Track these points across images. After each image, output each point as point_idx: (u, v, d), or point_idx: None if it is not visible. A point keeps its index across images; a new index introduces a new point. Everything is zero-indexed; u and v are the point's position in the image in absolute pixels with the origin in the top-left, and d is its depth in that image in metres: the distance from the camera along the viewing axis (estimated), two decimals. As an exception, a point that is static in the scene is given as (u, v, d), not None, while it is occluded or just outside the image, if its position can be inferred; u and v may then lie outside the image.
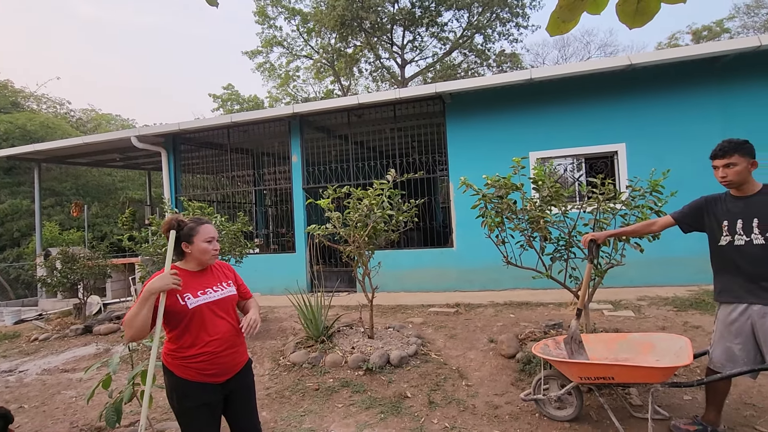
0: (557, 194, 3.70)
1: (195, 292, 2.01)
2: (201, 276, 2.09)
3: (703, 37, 21.63)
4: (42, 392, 4.33)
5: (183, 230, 2.05)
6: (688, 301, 5.39)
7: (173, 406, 2.03)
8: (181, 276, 2.02)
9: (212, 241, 2.07)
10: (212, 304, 2.04)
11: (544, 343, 3.08)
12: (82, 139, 9.35)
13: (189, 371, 1.97)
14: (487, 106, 7.36)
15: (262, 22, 22.32)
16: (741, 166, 2.39)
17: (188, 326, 1.97)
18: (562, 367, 2.79)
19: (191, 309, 1.97)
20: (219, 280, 2.13)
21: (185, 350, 1.97)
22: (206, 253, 2.06)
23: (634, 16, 1.20)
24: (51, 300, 9.49)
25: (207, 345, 1.98)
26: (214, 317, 2.03)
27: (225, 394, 2.08)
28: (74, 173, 17.98)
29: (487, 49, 21.45)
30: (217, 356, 2.01)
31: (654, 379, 2.52)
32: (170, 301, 1.95)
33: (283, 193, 11.05)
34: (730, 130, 6.37)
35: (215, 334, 2.01)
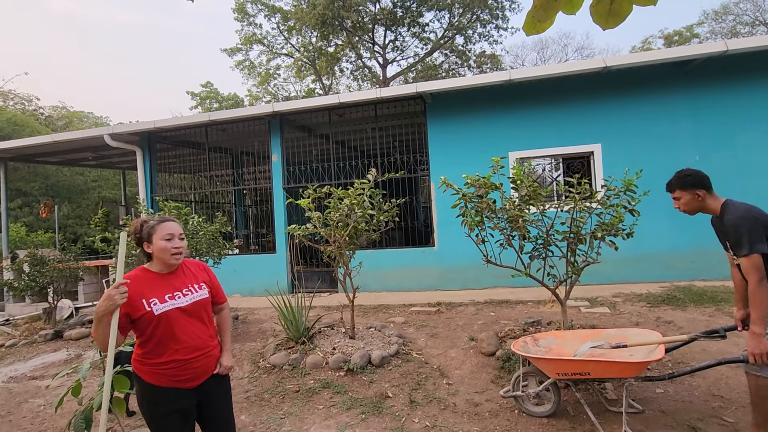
0: (535, 194, 3.76)
1: (162, 296, 1.91)
2: (169, 278, 1.99)
3: (674, 42, 22.41)
4: (8, 401, 4.15)
5: (143, 231, 1.96)
6: (660, 297, 5.57)
7: (144, 413, 1.95)
8: (147, 279, 1.93)
9: (172, 238, 1.95)
10: (181, 309, 1.93)
11: (523, 341, 3.14)
12: (52, 137, 8.99)
13: (159, 377, 1.90)
14: (468, 107, 7.43)
15: (242, 20, 21.97)
16: (685, 198, 2.49)
17: (155, 332, 1.88)
18: (540, 364, 2.86)
19: (157, 315, 1.86)
20: (190, 281, 2.03)
21: (154, 357, 1.89)
22: (165, 252, 1.93)
23: (607, 17, 1.22)
24: (19, 304, 9.10)
25: (177, 352, 1.89)
26: (184, 323, 1.93)
27: (198, 398, 2.00)
28: (43, 173, 17.29)
29: (467, 50, 21.67)
30: (189, 362, 1.92)
31: (628, 373, 2.60)
32: (133, 308, 1.85)
33: (263, 192, 10.90)
34: (699, 131, 6.62)
35: (185, 341, 1.92)
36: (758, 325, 2.17)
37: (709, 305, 5.12)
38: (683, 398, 3.13)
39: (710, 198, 2.44)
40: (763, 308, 2.16)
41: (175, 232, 1.97)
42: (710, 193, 2.44)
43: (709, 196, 2.44)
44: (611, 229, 3.73)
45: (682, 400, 3.10)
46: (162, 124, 8.44)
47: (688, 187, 2.45)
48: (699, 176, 2.44)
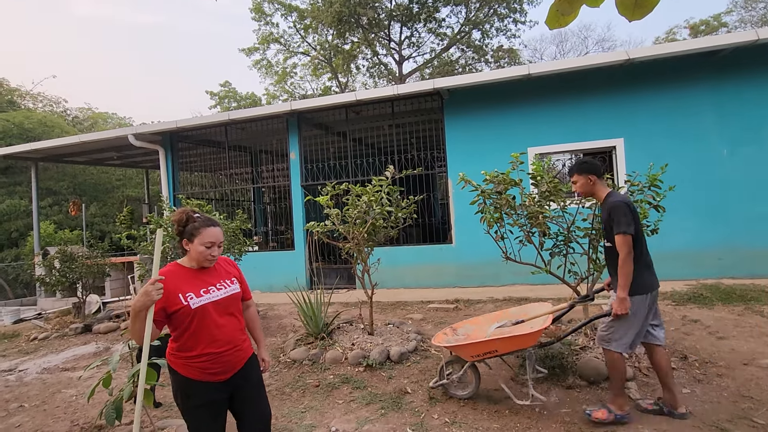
0: (556, 189, 3.70)
1: (198, 290, 1.96)
2: (203, 274, 2.03)
3: (701, 32, 21.62)
4: (42, 391, 4.33)
5: (188, 227, 1.99)
6: (686, 295, 5.42)
7: (178, 405, 2.01)
8: (182, 274, 1.98)
9: (212, 246, 1.99)
10: (215, 303, 1.98)
11: (444, 333, 3.48)
12: (79, 138, 9.30)
13: (193, 370, 1.95)
14: (485, 102, 7.35)
15: (259, 19, 22.20)
16: (581, 182, 2.89)
17: (191, 326, 1.92)
18: (456, 351, 3.20)
19: (194, 309, 1.91)
20: (222, 277, 2.08)
21: (188, 350, 1.94)
22: (202, 256, 1.99)
23: (633, 8, 1.19)
24: (50, 299, 9.47)
25: (210, 345, 1.94)
26: (218, 317, 1.98)
27: (230, 391, 2.04)
28: (71, 172, 17.91)
29: (484, 45, 21.38)
30: (221, 356, 1.97)
31: (526, 344, 2.98)
32: (170, 303, 1.89)
33: (282, 190, 11.03)
34: (727, 125, 6.39)
35: (219, 334, 1.97)
36: (623, 290, 2.67)
37: (738, 304, 4.95)
38: (711, 399, 3.05)
39: (600, 184, 2.86)
40: (627, 277, 2.66)
41: (216, 240, 2.01)
42: (600, 180, 2.86)
43: (599, 182, 2.86)
44: (635, 225, 3.64)
45: (710, 401, 3.02)
46: (183, 123, 8.63)
47: (584, 173, 2.86)
48: (593, 164, 2.87)
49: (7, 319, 8.24)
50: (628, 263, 2.65)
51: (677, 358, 3.65)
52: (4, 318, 8.34)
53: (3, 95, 19.89)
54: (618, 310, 2.70)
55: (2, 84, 20.41)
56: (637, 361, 3.54)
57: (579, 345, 3.74)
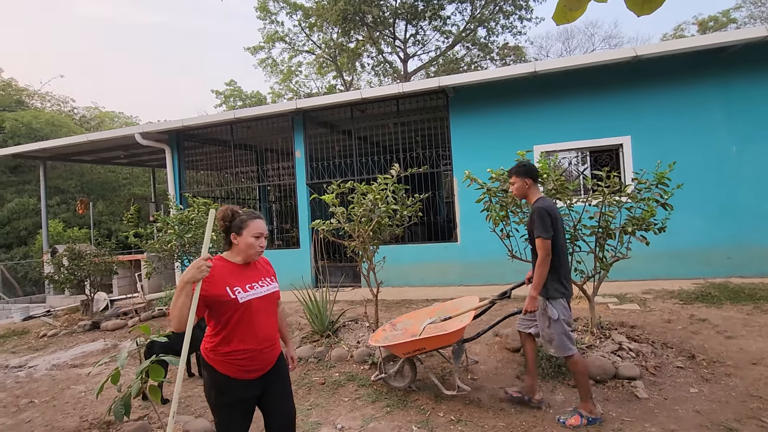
0: (562, 187, 3.68)
1: (244, 285, 1.97)
2: (247, 270, 2.05)
3: (709, 28, 21.35)
4: (52, 387, 4.39)
5: (234, 221, 2.01)
6: (694, 294, 5.37)
7: (210, 401, 2.01)
8: (228, 268, 1.98)
9: (260, 237, 2.02)
10: (260, 299, 2.00)
11: (383, 329, 3.65)
12: (87, 137, 9.38)
13: (230, 367, 1.94)
14: (491, 100, 7.32)
15: (264, 18, 22.24)
16: (518, 184, 3.03)
17: (236, 321, 1.92)
18: (391, 349, 3.38)
19: (242, 303, 1.92)
20: (263, 275, 2.10)
21: (229, 346, 1.93)
22: (252, 248, 2.00)
23: (642, 3, 1.18)
24: (59, 297, 9.58)
25: (251, 341, 1.94)
26: (261, 314, 1.99)
27: (262, 388, 2.05)
28: (79, 171, 18.08)
29: (490, 42, 21.27)
30: (260, 353, 1.98)
31: (452, 340, 3.21)
32: (219, 292, 1.89)
33: (287, 188, 11.06)
34: (735, 122, 6.32)
35: (260, 331, 1.97)
36: (535, 290, 2.85)
37: (747, 303, 4.90)
38: (719, 398, 3.02)
39: (534, 188, 3.00)
40: (541, 278, 2.82)
41: (263, 231, 2.04)
42: (535, 184, 3.01)
43: (534, 186, 3.00)
44: (642, 223, 3.62)
45: (718, 401, 2.99)
46: (189, 122, 8.67)
47: (521, 175, 3.00)
48: (530, 168, 3.00)
49: (16, 316, 8.35)
50: (544, 265, 2.80)
51: (685, 357, 3.62)
52: (14, 315, 8.46)
53: (12, 95, 20.09)
54: (528, 307, 2.90)
55: (11, 84, 20.62)
56: (644, 360, 3.52)
57: (585, 343, 3.72)
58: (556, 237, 2.82)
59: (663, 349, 3.75)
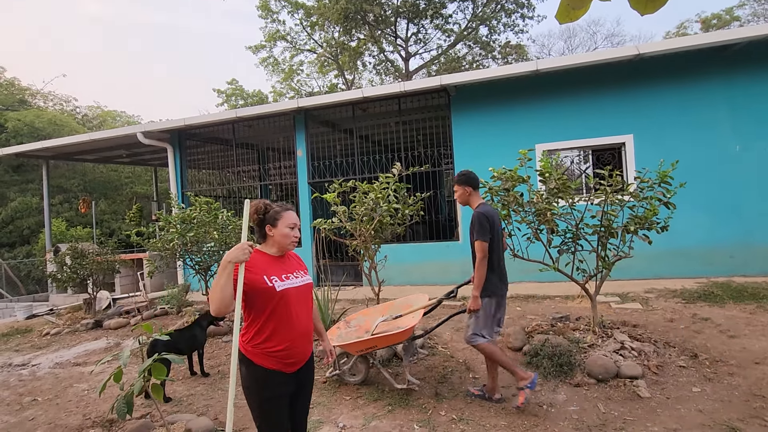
0: (564, 186, 3.67)
1: (280, 275, 1.97)
2: (281, 261, 2.06)
3: (712, 26, 21.25)
4: (55, 385, 4.40)
5: (268, 213, 2.03)
6: (696, 293, 5.35)
7: (252, 396, 1.96)
8: (264, 259, 2.00)
9: (294, 227, 2.04)
10: (296, 289, 2.00)
11: (337, 326, 3.79)
12: (89, 136, 9.40)
13: (269, 360, 1.92)
14: (493, 99, 7.30)
15: (266, 16, 22.23)
16: (459, 191, 3.24)
17: (274, 311, 1.92)
18: (344, 348, 3.50)
19: (279, 291, 1.92)
20: (297, 267, 2.11)
21: (267, 337, 1.92)
22: (287, 239, 2.02)
23: (646, 2, 1.17)
24: (61, 295, 9.61)
25: (290, 333, 1.94)
26: (297, 304, 1.99)
27: (296, 383, 2.03)
28: (81, 170, 18.13)
29: (492, 41, 21.20)
30: (298, 345, 1.97)
31: (401, 339, 3.34)
32: (256, 279, 1.89)
33: (289, 187, 11.07)
34: (739, 120, 6.29)
35: (298, 323, 1.97)
36: (476, 289, 3.06)
37: (750, 302, 4.88)
38: (722, 398, 3.01)
39: (474, 195, 3.21)
40: (480, 279, 3.03)
41: (297, 222, 2.07)
42: (475, 191, 3.22)
43: (474, 193, 3.21)
44: (645, 222, 3.61)
45: (721, 400, 2.99)
46: (191, 121, 8.68)
47: (462, 184, 3.21)
48: (470, 177, 3.20)
49: (20, 314, 8.38)
50: (482, 266, 3.02)
51: (687, 357, 3.62)
52: (17, 313, 8.49)
53: (14, 94, 20.14)
54: (471, 307, 3.09)
55: (13, 83, 20.66)
56: (646, 359, 3.51)
57: (587, 342, 3.72)
58: (494, 240, 3.05)
59: (665, 349, 3.74)
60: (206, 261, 5.80)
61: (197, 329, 4.28)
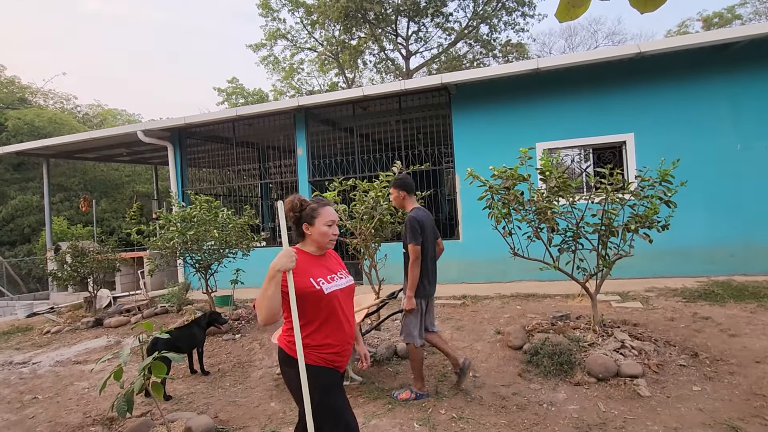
0: (565, 185, 3.67)
1: (326, 276, 1.88)
2: (323, 261, 1.96)
3: (714, 24, 21.19)
4: (55, 383, 4.41)
5: (305, 211, 1.93)
6: (697, 292, 5.35)
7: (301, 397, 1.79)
8: (307, 259, 1.90)
9: (332, 225, 1.93)
10: (342, 290, 1.91)
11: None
12: (90, 134, 9.40)
13: (322, 360, 1.85)
14: (494, 97, 7.28)
15: (266, 15, 22.21)
16: (394, 195, 3.40)
17: (322, 313, 1.83)
18: None
19: (327, 294, 1.83)
20: (337, 267, 2.01)
21: (317, 340, 1.84)
22: (326, 237, 1.92)
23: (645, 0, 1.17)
24: (62, 293, 9.63)
25: (339, 336, 1.87)
26: (344, 307, 1.90)
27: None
28: (82, 168, 18.14)
29: (492, 40, 21.16)
30: (346, 348, 1.91)
31: None
32: (302, 282, 1.80)
33: (289, 186, 11.06)
34: (740, 118, 6.27)
35: (345, 324, 1.89)
36: (410, 290, 3.21)
37: (750, 301, 4.88)
38: (722, 397, 3.01)
39: (408, 199, 3.34)
40: (413, 280, 3.19)
41: (335, 219, 1.96)
42: (410, 195, 3.35)
43: (408, 197, 3.34)
44: (645, 221, 3.60)
45: (721, 399, 2.98)
46: (192, 120, 8.67)
47: (397, 188, 3.37)
48: (405, 181, 3.35)
49: (20, 312, 8.40)
50: (414, 268, 3.17)
51: (687, 356, 3.61)
52: (18, 312, 8.51)
53: (14, 93, 20.14)
54: (406, 307, 3.24)
55: (14, 82, 20.66)
56: (647, 358, 3.51)
57: (588, 341, 3.72)
58: (424, 244, 3.19)
59: (666, 347, 3.74)
60: (206, 259, 5.80)
61: (196, 328, 4.29)
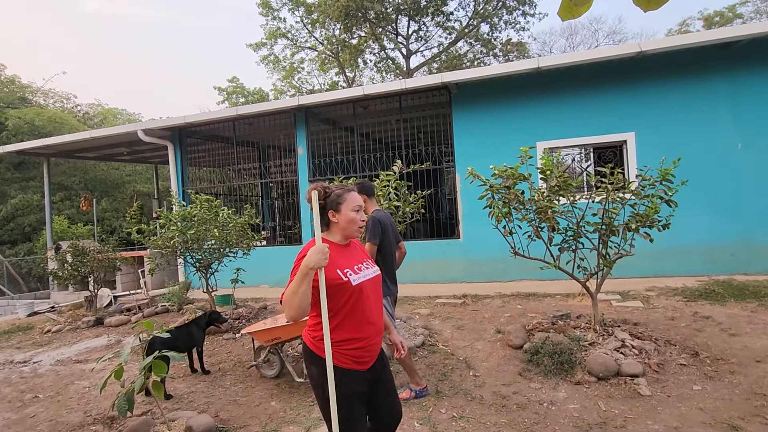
0: (566, 184, 3.66)
1: (352, 267, 1.80)
2: (348, 251, 1.88)
3: (715, 23, 21.16)
4: (56, 382, 4.41)
5: (330, 197, 1.85)
6: (697, 291, 5.35)
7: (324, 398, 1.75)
8: (333, 248, 1.81)
9: (359, 210, 1.85)
10: (369, 283, 1.82)
11: (263, 322, 4.05)
12: (90, 133, 9.40)
13: (342, 358, 1.76)
14: (494, 96, 7.28)
15: (266, 14, 22.17)
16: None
17: (349, 306, 1.76)
18: (255, 336, 3.80)
19: (354, 286, 1.75)
20: (363, 257, 1.92)
21: (342, 334, 1.76)
22: (354, 224, 1.84)
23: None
24: (63, 293, 9.63)
25: (366, 329, 1.78)
26: (371, 298, 1.82)
27: (370, 382, 1.86)
28: (82, 168, 18.14)
29: (493, 39, 21.13)
30: (373, 342, 1.81)
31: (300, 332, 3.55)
32: (331, 275, 1.73)
33: (290, 185, 11.06)
34: (741, 117, 6.27)
35: (372, 317, 1.80)
36: None
37: (751, 300, 4.88)
38: (722, 396, 3.01)
39: (369, 202, 3.43)
40: None
41: (362, 204, 1.89)
42: (370, 199, 3.45)
43: (369, 201, 3.43)
44: (646, 220, 3.60)
45: (722, 398, 2.98)
46: (192, 119, 8.67)
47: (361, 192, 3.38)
48: (364, 185, 3.45)
49: (21, 311, 8.40)
50: None
51: (688, 355, 3.61)
52: (19, 311, 8.51)
53: (15, 92, 20.13)
54: None
55: (14, 81, 20.66)
56: (647, 357, 3.51)
57: (588, 341, 3.72)
58: (384, 243, 3.30)
59: (666, 347, 3.74)
60: (207, 258, 5.80)
61: (194, 327, 4.28)
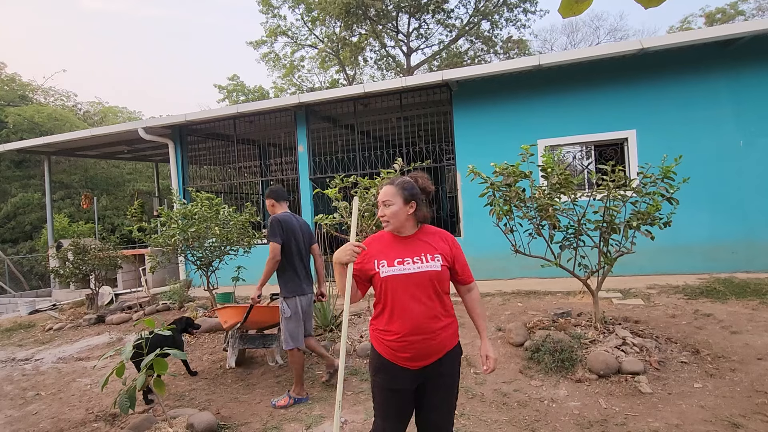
0: (566, 182, 3.66)
1: (392, 259, 1.78)
2: (405, 243, 1.83)
3: (716, 20, 21.08)
4: (58, 380, 4.43)
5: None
6: (698, 289, 5.34)
7: (371, 380, 1.87)
8: (386, 240, 1.85)
9: (384, 204, 1.81)
10: (407, 276, 1.74)
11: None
12: (91, 131, 9.39)
13: (384, 347, 1.78)
14: (495, 94, 7.26)
15: (267, 11, 22.12)
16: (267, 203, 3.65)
17: (382, 297, 1.78)
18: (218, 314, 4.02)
19: (382, 278, 1.75)
20: (425, 251, 1.80)
21: (382, 323, 1.80)
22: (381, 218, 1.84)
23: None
24: (64, 291, 9.65)
25: (402, 325, 1.73)
26: (408, 294, 1.74)
27: (420, 382, 1.80)
28: (83, 166, 18.14)
29: (494, 36, 21.08)
30: (409, 342, 1.73)
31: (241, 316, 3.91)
32: (368, 266, 1.80)
33: (290, 183, 11.06)
34: (743, 115, 6.25)
35: (406, 315, 1.73)
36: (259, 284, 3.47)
37: (752, 298, 4.87)
38: (723, 394, 3.01)
39: (278, 206, 3.60)
40: (265, 276, 3.42)
41: (382, 198, 1.83)
42: (278, 202, 3.60)
43: (277, 204, 3.60)
44: (647, 218, 3.59)
45: (723, 396, 2.98)
46: (192, 117, 8.67)
47: (267, 197, 3.64)
48: (273, 190, 3.61)
49: (23, 309, 8.42)
50: (269, 265, 3.40)
51: (689, 353, 3.61)
52: (21, 309, 8.53)
53: (15, 90, 20.12)
54: (252, 296, 3.56)
55: (14, 79, 20.64)
56: (648, 355, 3.51)
57: (589, 338, 3.72)
58: (288, 243, 3.41)
59: (667, 344, 3.74)
60: (208, 256, 5.80)
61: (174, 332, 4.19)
